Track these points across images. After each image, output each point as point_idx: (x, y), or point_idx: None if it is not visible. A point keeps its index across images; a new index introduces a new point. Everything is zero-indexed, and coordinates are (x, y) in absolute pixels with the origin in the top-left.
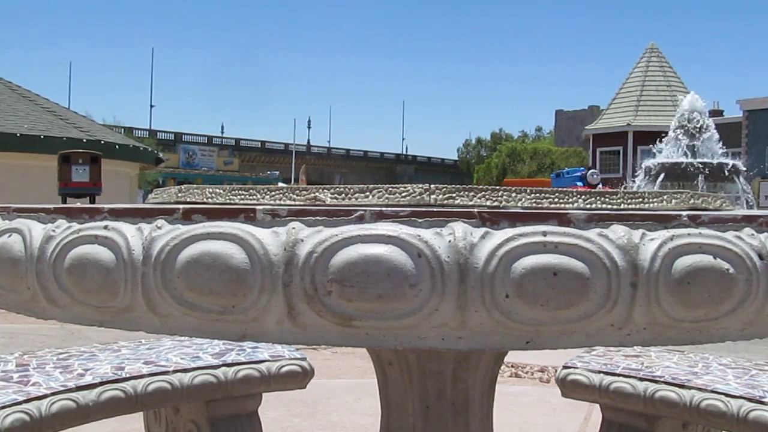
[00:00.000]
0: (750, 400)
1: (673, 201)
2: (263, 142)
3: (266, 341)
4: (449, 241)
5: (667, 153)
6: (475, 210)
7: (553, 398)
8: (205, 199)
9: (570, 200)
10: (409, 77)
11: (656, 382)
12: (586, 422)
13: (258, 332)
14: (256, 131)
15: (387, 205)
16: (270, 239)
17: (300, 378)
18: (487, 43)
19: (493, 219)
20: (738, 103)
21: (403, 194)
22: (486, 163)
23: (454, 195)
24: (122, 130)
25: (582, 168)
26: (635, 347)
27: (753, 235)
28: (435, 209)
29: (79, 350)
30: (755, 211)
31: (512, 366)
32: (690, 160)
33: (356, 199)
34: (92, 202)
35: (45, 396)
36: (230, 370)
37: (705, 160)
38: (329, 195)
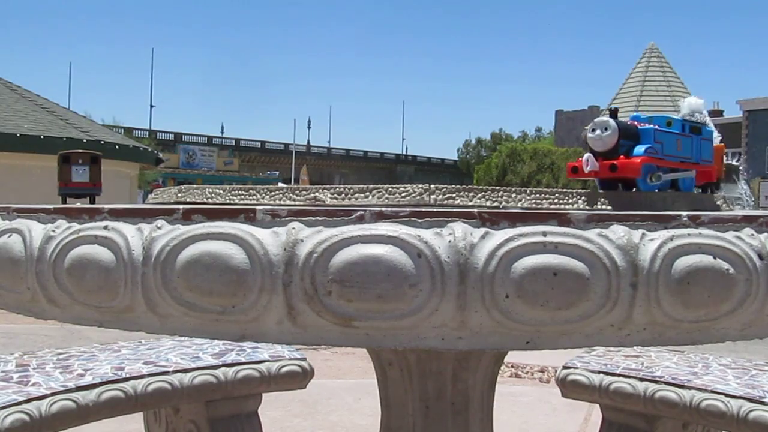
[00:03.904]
0: (750, 400)
1: None
2: (263, 142)
3: (266, 341)
4: (449, 242)
5: None
6: (475, 210)
7: (553, 398)
8: (205, 199)
9: (570, 200)
10: (409, 77)
11: (656, 382)
12: (586, 422)
13: (258, 332)
14: (256, 131)
15: (387, 206)
16: (270, 239)
17: (300, 378)
18: (487, 43)
19: (493, 219)
20: (738, 103)
21: (403, 194)
22: (486, 164)
23: (454, 195)
24: (122, 130)
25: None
26: (635, 347)
27: (753, 235)
28: (435, 209)
29: (79, 350)
30: (755, 211)
31: (512, 366)
32: None
33: (356, 199)
34: (92, 202)
35: (45, 396)
36: (230, 370)
37: None
38: (329, 195)
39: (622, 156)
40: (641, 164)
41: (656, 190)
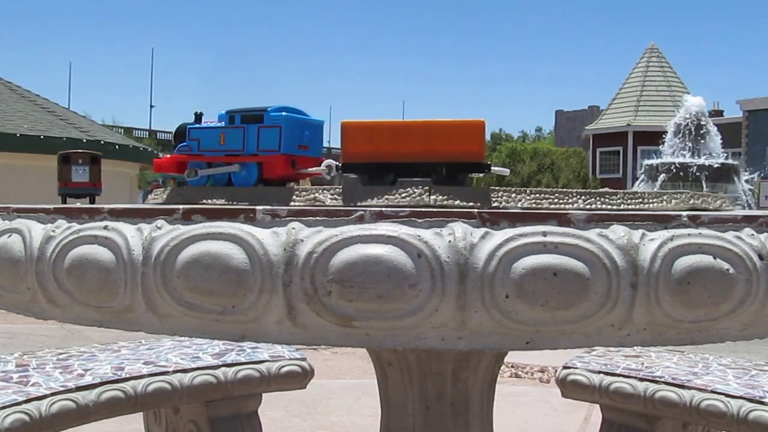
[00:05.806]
0: (750, 400)
1: (673, 201)
2: None
3: (266, 341)
4: (449, 242)
5: (670, 153)
6: (475, 210)
7: (553, 398)
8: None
9: (570, 200)
10: (409, 77)
11: (656, 382)
12: (586, 422)
13: (258, 332)
14: None
15: (387, 206)
16: (270, 239)
17: (300, 378)
18: (486, 43)
19: (492, 219)
20: (738, 103)
21: (403, 195)
22: None
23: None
24: (122, 130)
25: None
26: (635, 347)
27: (753, 235)
28: (435, 209)
29: (79, 350)
30: (755, 211)
31: (512, 366)
32: (691, 160)
33: None
34: (92, 202)
35: (45, 396)
36: (230, 370)
37: (706, 161)
38: (329, 196)
39: (167, 156)
40: (170, 163)
41: (207, 185)
